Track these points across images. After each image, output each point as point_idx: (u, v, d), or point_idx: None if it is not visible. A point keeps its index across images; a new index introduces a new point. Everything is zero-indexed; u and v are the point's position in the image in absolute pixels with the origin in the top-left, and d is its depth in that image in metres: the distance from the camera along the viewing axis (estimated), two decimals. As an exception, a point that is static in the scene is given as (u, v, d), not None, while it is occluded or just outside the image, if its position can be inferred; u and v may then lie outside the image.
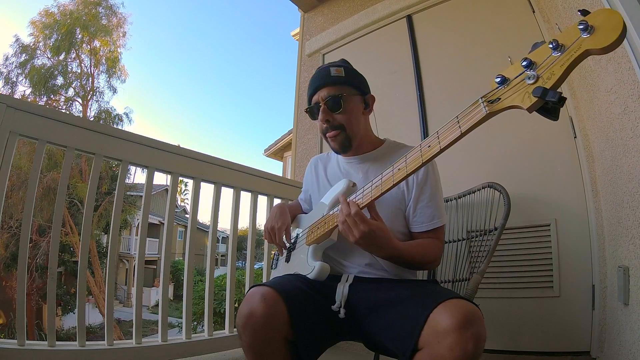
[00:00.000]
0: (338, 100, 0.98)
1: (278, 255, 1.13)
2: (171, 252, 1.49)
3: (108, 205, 10.09)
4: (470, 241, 1.35)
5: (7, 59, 11.06)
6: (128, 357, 1.24)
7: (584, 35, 0.53)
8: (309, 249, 0.94)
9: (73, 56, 11.75)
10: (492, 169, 1.75)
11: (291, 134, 3.53)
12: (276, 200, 1.80)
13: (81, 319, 1.21)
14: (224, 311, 1.56)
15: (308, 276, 0.88)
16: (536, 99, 0.56)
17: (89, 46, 11.96)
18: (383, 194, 0.79)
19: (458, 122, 0.66)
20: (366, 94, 1.05)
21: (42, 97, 11.20)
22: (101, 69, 12.24)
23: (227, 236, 2.94)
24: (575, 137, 1.58)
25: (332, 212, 0.91)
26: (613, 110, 1.19)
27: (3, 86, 10.85)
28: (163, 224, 2.14)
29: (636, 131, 1.02)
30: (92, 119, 11.18)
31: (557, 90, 0.55)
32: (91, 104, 12.00)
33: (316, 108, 1.01)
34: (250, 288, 0.81)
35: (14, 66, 11.06)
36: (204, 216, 15.18)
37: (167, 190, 2.00)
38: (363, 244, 0.82)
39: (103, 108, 12.06)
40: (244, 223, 2.00)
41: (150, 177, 1.42)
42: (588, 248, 1.48)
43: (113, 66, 12.27)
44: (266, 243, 1.69)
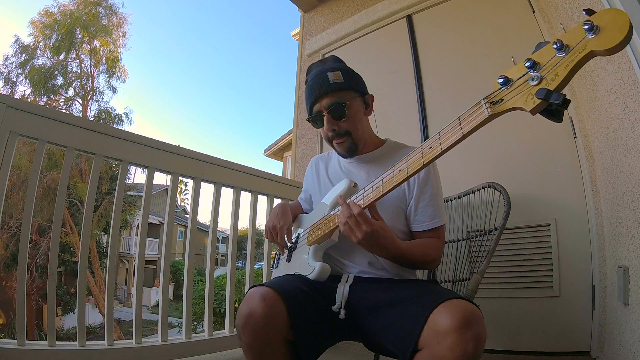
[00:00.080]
0: (342, 108, 0.96)
1: (279, 254, 1.13)
2: (171, 252, 1.49)
3: (108, 205, 10.09)
4: (470, 241, 1.35)
5: (7, 59, 11.08)
6: (128, 357, 1.23)
7: (589, 35, 0.51)
8: (310, 249, 0.94)
9: (73, 56, 11.75)
10: (492, 169, 1.75)
11: (291, 134, 3.53)
12: (276, 200, 1.79)
13: (81, 319, 1.21)
14: (224, 311, 1.56)
15: (308, 277, 0.88)
16: (539, 101, 0.54)
17: (89, 46, 11.96)
18: (384, 195, 0.79)
19: (460, 124, 0.65)
20: (365, 94, 1.04)
21: (42, 97, 11.20)
22: (101, 69, 12.25)
23: (227, 236, 2.94)
24: (575, 137, 1.58)
25: (333, 213, 0.91)
26: (613, 110, 1.19)
27: (3, 86, 10.87)
28: (163, 224, 2.14)
29: (636, 131, 1.02)
30: (92, 119, 11.18)
31: (561, 92, 0.53)
32: (91, 104, 12.02)
33: (319, 117, 0.99)
34: (250, 288, 0.80)
35: (14, 66, 11.08)
36: (204, 216, 15.19)
37: (167, 190, 2.00)
38: (366, 245, 0.82)
39: (103, 108, 12.09)
40: (244, 223, 2.01)
41: (150, 177, 1.42)
42: (588, 248, 1.48)
43: (113, 66, 12.27)
44: (266, 243, 1.69)
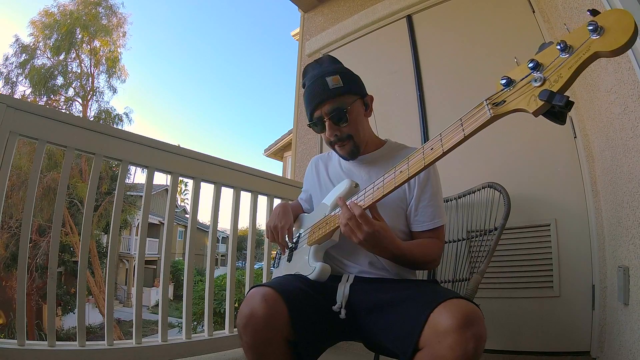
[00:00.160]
0: (343, 113, 0.96)
1: (280, 254, 1.13)
2: (171, 252, 1.49)
3: (108, 205, 10.08)
4: (470, 241, 1.35)
5: (7, 59, 11.07)
6: (128, 357, 1.23)
7: (594, 36, 0.50)
8: (311, 250, 0.94)
9: (73, 56, 11.75)
10: (492, 169, 1.75)
11: (291, 134, 3.53)
12: (276, 200, 1.79)
13: (81, 319, 1.21)
14: (224, 311, 1.56)
15: (309, 277, 0.88)
16: (542, 103, 0.54)
17: (89, 46, 11.96)
18: (385, 196, 0.79)
19: (462, 125, 0.65)
20: (365, 96, 1.04)
21: (42, 97, 11.19)
22: (101, 69, 12.25)
23: (227, 236, 2.94)
24: (575, 137, 1.58)
25: (334, 213, 0.91)
26: (613, 110, 1.19)
27: (3, 86, 10.86)
28: (163, 224, 2.14)
29: (636, 131, 1.02)
30: (92, 119, 11.17)
31: (564, 94, 0.52)
32: (91, 104, 12.02)
33: (320, 123, 0.99)
34: (250, 288, 0.80)
35: (14, 66, 11.07)
36: (204, 216, 15.19)
37: (167, 190, 2.00)
38: (367, 245, 0.82)
39: (103, 108, 12.08)
40: (244, 223, 2.00)
41: (150, 177, 1.42)
42: (588, 248, 1.48)
43: (113, 66, 12.27)
44: (266, 243, 1.69)
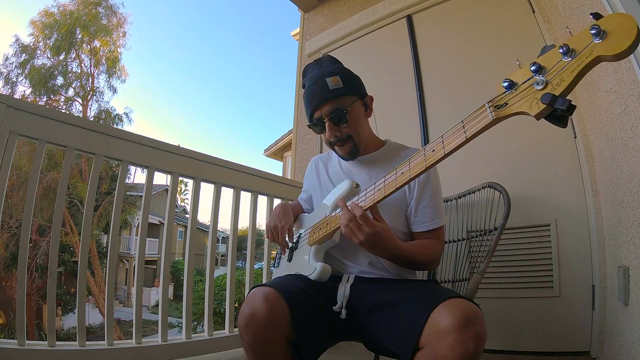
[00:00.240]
0: (343, 114, 0.96)
1: (280, 254, 1.14)
2: (171, 252, 1.49)
3: (108, 205, 10.08)
4: (470, 241, 1.36)
5: (7, 59, 11.07)
6: (128, 357, 1.23)
7: (596, 40, 0.50)
8: (311, 250, 0.94)
9: (73, 56, 11.75)
10: (492, 169, 1.75)
11: (291, 134, 3.53)
12: (276, 200, 1.79)
13: (81, 319, 1.20)
14: (224, 311, 1.56)
15: (309, 277, 0.88)
16: (544, 106, 0.54)
17: (89, 46, 11.96)
18: (386, 197, 0.80)
19: (463, 127, 0.65)
20: (365, 96, 1.04)
21: (42, 97, 11.19)
22: (101, 69, 12.25)
23: (227, 236, 2.94)
24: (575, 137, 1.58)
25: (335, 214, 0.91)
26: (613, 110, 1.19)
27: (3, 86, 10.86)
28: (163, 224, 2.14)
29: (636, 131, 1.02)
30: (92, 119, 11.17)
31: (567, 97, 0.52)
32: (91, 104, 12.01)
33: (320, 124, 0.99)
34: (252, 288, 0.81)
35: (14, 66, 11.07)
36: (204, 216, 15.19)
37: (167, 190, 2.00)
38: (367, 246, 0.82)
39: (103, 108, 12.08)
40: (244, 223, 2.00)
41: (150, 177, 1.42)
42: (588, 248, 1.48)
43: (113, 66, 12.27)
44: (266, 243, 1.69)
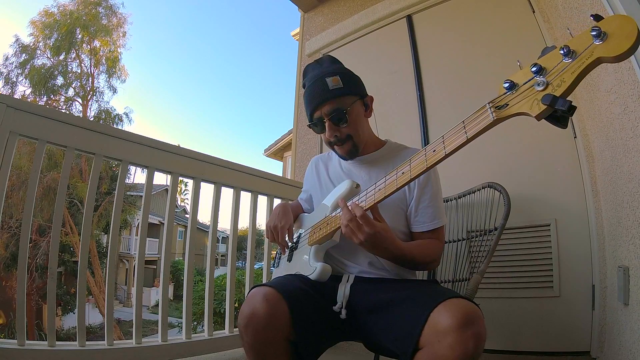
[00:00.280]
0: (343, 114, 0.96)
1: (280, 254, 1.14)
2: (171, 252, 1.49)
3: (108, 205, 10.08)
4: (470, 241, 1.35)
5: (7, 59, 11.07)
6: (128, 357, 1.23)
7: (597, 42, 0.51)
8: (311, 250, 0.94)
9: (73, 56, 11.75)
10: (492, 169, 1.75)
11: (291, 134, 3.53)
12: (276, 200, 1.79)
13: (81, 319, 1.21)
14: (224, 311, 1.56)
15: (309, 277, 0.88)
16: (545, 107, 0.54)
17: (89, 46, 11.96)
18: (386, 197, 0.80)
19: (464, 128, 0.65)
20: (365, 96, 1.04)
21: (42, 97, 11.19)
22: (101, 69, 12.25)
23: (227, 236, 2.94)
24: (575, 137, 1.58)
25: (335, 214, 0.91)
26: (613, 110, 1.19)
27: (3, 86, 10.86)
28: (163, 224, 2.14)
29: (636, 131, 1.02)
30: (92, 119, 11.17)
31: (567, 98, 0.53)
32: (91, 104, 12.02)
33: (320, 124, 0.99)
34: (252, 288, 0.81)
35: (14, 66, 11.07)
36: (204, 216, 15.20)
37: (167, 190, 2.00)
38: (367, 246, 0.82)
39: (103, 108, 12.08)
40: (244, 223, 2.00)
41: (150, 177, 1.42)
42: (588, 248, 1.48)
43: (113, 66, 12.27)
44: (266, 243, 1.69)
